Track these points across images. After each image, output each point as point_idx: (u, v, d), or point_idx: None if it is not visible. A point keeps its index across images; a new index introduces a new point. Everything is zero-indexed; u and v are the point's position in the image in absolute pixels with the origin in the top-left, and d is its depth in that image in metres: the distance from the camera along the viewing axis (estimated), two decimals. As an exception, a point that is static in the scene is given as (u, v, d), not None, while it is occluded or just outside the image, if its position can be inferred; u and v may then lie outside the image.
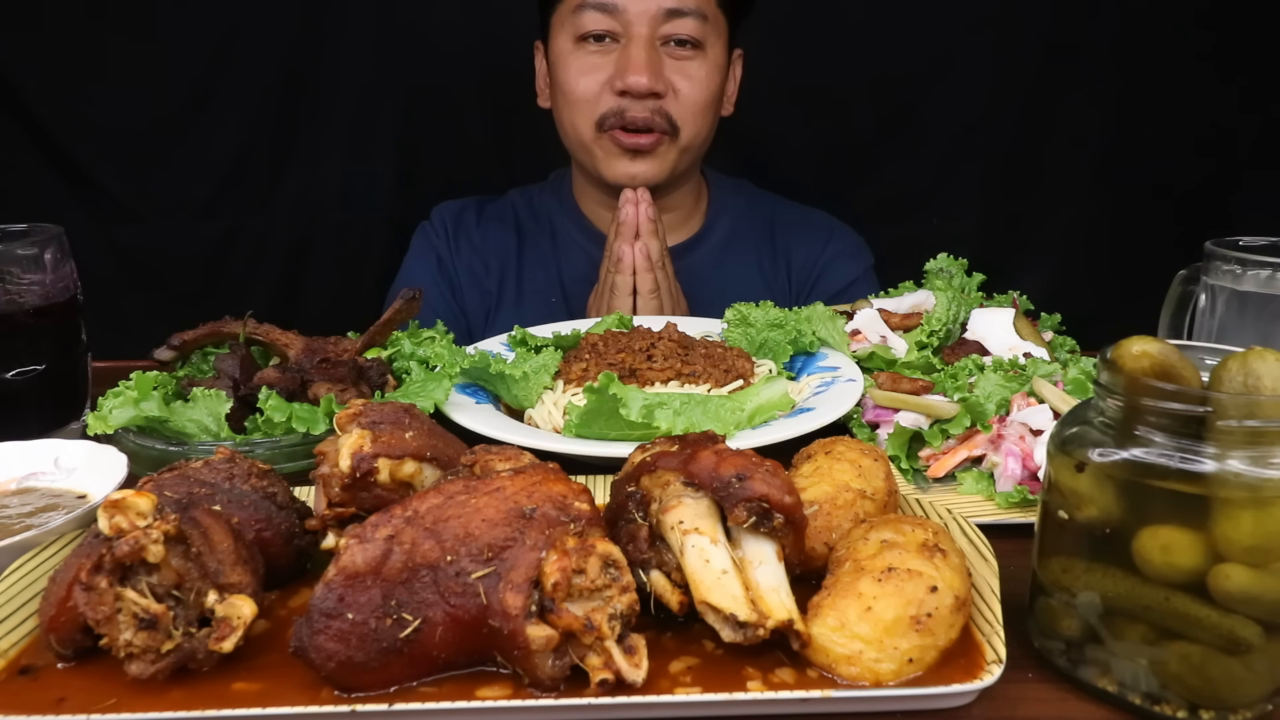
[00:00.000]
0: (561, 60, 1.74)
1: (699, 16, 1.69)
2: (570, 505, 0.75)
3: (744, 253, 1.95)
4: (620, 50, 1.69)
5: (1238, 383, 0.69)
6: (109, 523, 0.70)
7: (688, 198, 1.93)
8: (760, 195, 2.04)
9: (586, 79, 1.71)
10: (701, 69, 1.72)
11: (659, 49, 1.69)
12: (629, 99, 1.69)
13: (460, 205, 2.01)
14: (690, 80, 1.71)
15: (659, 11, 1.67)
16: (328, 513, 0.83)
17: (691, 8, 1.68)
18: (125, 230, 2.23)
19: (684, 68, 1.71)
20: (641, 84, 1.66)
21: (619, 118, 1.71)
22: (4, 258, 1.20)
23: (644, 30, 1.67)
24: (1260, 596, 0.66)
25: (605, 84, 1.70)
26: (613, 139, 1.73)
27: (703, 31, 1.70)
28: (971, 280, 1.53)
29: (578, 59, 1.72)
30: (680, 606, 0.74)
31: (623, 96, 1.69)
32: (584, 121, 1.74)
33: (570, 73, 1.73)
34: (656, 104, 1.70)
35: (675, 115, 1.72)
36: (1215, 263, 1.15)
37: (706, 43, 1.71)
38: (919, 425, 1.13)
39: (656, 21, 1.67)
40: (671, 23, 1.68)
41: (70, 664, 0.73)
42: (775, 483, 0.76)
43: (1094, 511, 0.71)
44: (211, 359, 1.34)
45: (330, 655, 0.68)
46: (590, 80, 1.71)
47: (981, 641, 0.73)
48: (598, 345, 1.33)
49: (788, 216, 2.01)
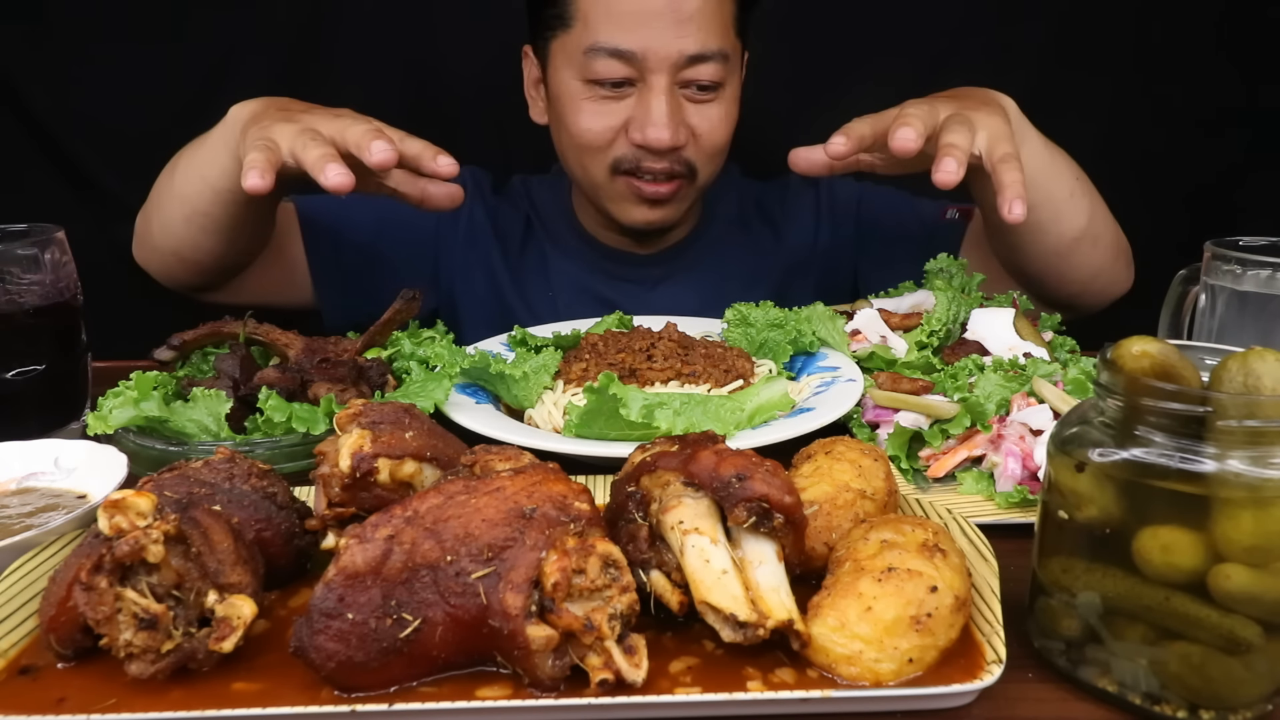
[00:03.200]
0: (568, 99, 1.62)
1: (721, 59, 1.56)
2: (570, 505, 0.75)
3: (743, 237, 1.90)
4: (638, 98, 1.56)
5: (1238, 383, 0.69)
6: (109, 523, 0.70)
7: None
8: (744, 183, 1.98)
9: (598, 124, 1.59)
10: (721, 109, 1.62)
11: (678, 94, 1.57)
12: (645, 150, 1.58)
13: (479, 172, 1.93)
14: (710, 123, 1.61)
15: (680, 58, 1.53)
16: (328, 513, 0.83)
17: (714, 50, 1.55)
18: (125, 230, 2.22)
19: (704, 112, 1.60)
20: (664, 140, 1.55)
21: (636, 165, 1.60)
22: (4, 258, 1.20)
23: (662, 79, 1.54)
24: (1260, 596, 0.66)
25: (618, 130, 1.59)
26: (629, 185, 1.63)
27: (724, 72, 1.58)
28: (971, 280, 1.53)
29: (588, 102, 1.59)
30: (680, 606, 0.74)
31: (640, 147, 1.58)
32: (595, 165, 1.64)
33: (580, 115, 1.60)
34: (676, 155, 1.60)
35: (694, 160, 1.63)
36: (1215, 263, 1.15)
37: (728, 78, 1.61)
38: (919, 425, 1.13)
39: (678, 68, 1.54)
40: (693, 68, 1.55)
41: (70, 664, 0.73)
42: (775, 483, 0.76)
43: (1094, 511, 0.71)
44: (211, 359, 1.34)
45: (330, 655, 0.68)
46: (602, 126, 1.59)
47: (981, 641, 0.73)
48: (598, 345, 1.33)
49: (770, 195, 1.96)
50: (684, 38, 1.52)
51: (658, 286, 1.86)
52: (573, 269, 1.87)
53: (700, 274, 1.84)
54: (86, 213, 2.16)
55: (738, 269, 1.86)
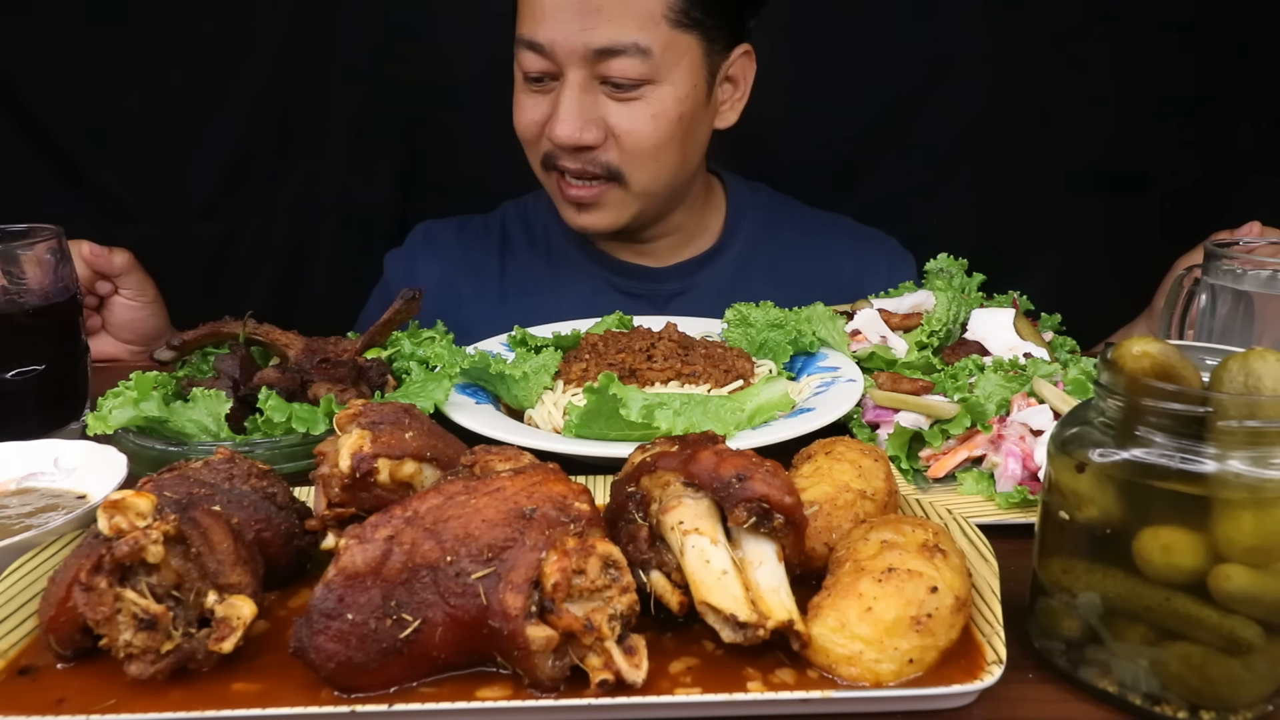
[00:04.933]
0: (515, 91, 1.62)
1: (638, 53, 1.47)
2: (570, 505, 0.75)
3: (769, 263, 1.81)
4: (554, 93, 1.54)
5: (1238, 383, 0.69)
6: (109, 523, 0.70)
7: (690, 215, 1.79)
8: (780, 199, 1.92)
9: (526, 118, 1.59)
10: (648, 109, 1.52)
11: (597, 90, 1.52)
12: (560, 149, 1.55)
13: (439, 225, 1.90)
14: (634, 124, 1.52)
15: (588, 51, 1.47)
16: (328, 513, 0.83)
17: (628, 43, 1.46)
18: (125, 230, 2.22)
19: (627, 111, 1.52)
20: (564, 138, 1.51)
21: (555, 163, 1.58)
22: (4, 258, 1.20)
23: (576, 74, 1.49)
24: (1261, 597, 0.66)
25: (543, 126, 1.57)
26: (557, 184, 1.61)
27: (647, 68, 1.49)
28: (971, 280, 1.53)
29: (522, 95, 1.60)
30: (680, 607, 0.74)
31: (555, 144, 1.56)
32: (534, 160, 1.64)
33: (517, 109, 1.61)
34: (590, 155, 1.54)
35: (616, 163, 1.55)
36: (1215, 263, 1.15)
37: (658, 75, 1.51)
38: (919, 425, 1.13)
39: (588, 62, 1.48)
40: (605, 63, 1.48)
41: (70, 664, 0.73)
42: (775, 483, 0.76)
43: (1094, 512, 0.71)
44: (211, 359, 1.34)
45: (330, 656, 0.68)
46: (529, 120, 1.58)
47: (982, 642, 0.73)
48: (598, 345, 1.33)
49: (813, 223, 1.89)
50: (589, 30, 1.47)
51: (670, 303, 1.79)
52: (579, 284, 1.80)
53: (717, 294, 1.73)
54: (86, 213, 2.16)
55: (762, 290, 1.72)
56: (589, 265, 1.80)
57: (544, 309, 1.61)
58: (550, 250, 1.84)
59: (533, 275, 1.83)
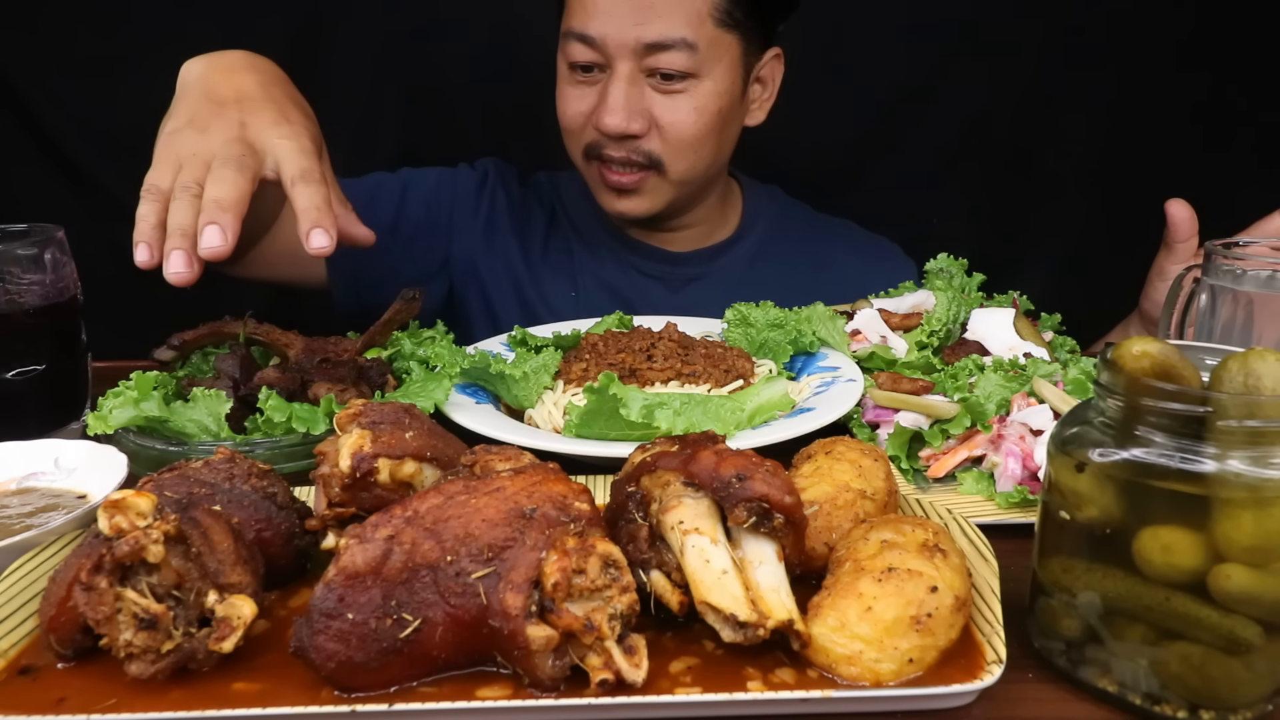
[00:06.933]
0: (558, 82, 1.69)
1: (686, 48, 1.56)
2: (570, 505, 0.75)
3: (779, 257, 1.91)
4: (602, 84, 1.61)
5: (1238, 383, 0.69)
6: (109, 523, 0.70)
7: (712, 210, 1.88)
8: (792, 203, 2.00)
9: (572, 108, 1.65)
10: (691, 101, 1.60)
11: (643, 82, 1.59)
12: (607, 136, 1.62)
13: (508, 167, 1.94)
14: (676, 116, 1.60)
15: (639, 45, 1.55)
16: (328, 513, 0.83)
17: (677, 38, 1.55)
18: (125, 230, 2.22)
19: (671, 103, 1.60)
20: (613, 126, 1.58)
21: (599, 153, 1.65)
22: (4, 258, 1.20)
23: (625, 66, 1.57)
24: (1260, 596, 0.66)
25: (589, 116, 1.64)
26: (599, 173, 1.68)
27: (693, 62, 1.57)
28: (971, 280, 1.53)
29: (568, 86, 1.66)
30: (680, 606, 0.74)
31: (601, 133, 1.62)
32: (575, 149, 1.70)
33: (562, 99, 1.68)
34: (634, 144, 1.62)
35: (658, 152, 1.63)
36: (1215, 263, 1.15)
37: (702, 71, 1.59)
38: (919, 425, 1.13)
39: (638, 55, 1.56)
40: (654, 56, 1.56)
41: (70, 664, 0.73)
42: (775, 483, 0.76)
43: (1094, 512, 0.71)
44: (211, 359, 1.34)
45: (330, 655, 0.68)
46: (574, 110, 1.65)
47: (982, 642, 0.73)
48: (598, 345, 1.33)
49: (825, 228, 1.97)
50: (642, 25, 1.55)
51: (685, 288, 1.87)
52: (598, 264, 1.87)
53: (729, 283, 1.83)
54: (86, 213, 2.16)
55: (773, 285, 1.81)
56: (612, 244, 1.88)
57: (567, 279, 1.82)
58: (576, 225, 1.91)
59: (562, 245, 1.90)
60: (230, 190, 1.10)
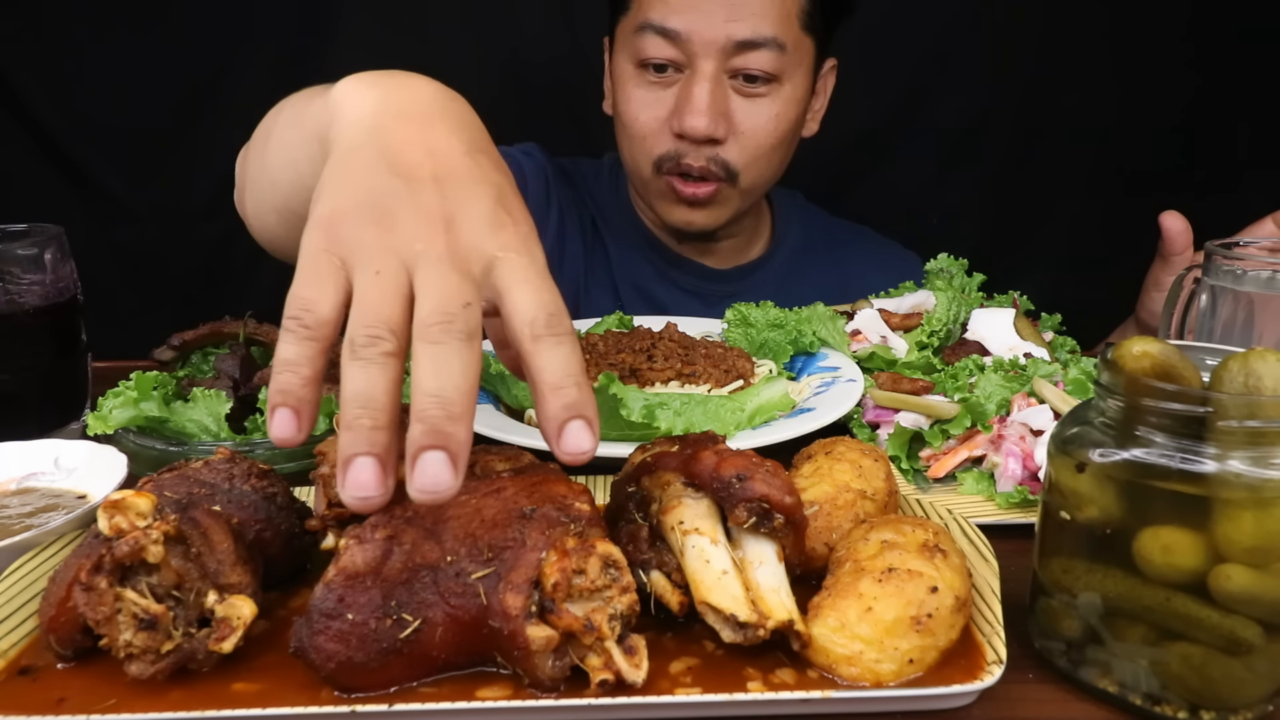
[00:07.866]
0: (621, 83, 1.58)
1: (776, 48, 1.48)
2: (570, 505, 0.75)
3: (808, 275, 1.85)
4: (682, 84, 1.50)
5: (1238, 383, 0.69)
6: (109, 523, 0.70)
7: (751, 221, 1.82)
8: (813, 211, 1.96)
9: (645, 113, 1.55)
10: (773, 107, 1.52)
11: (726, 83, 1.50)
12: (686, 143, 1.52)
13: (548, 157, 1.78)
14: (757, 121, 1.52)
15: (728, 43, 1.46)
16: (328, 513, 0.83)
17: (768, 37, 1.47)
18: (125, 230, 2.22)
19: (752, 107, 1.52)
20: (699, 128, 1.48)
21: (676, 163, 1.55)
22: (4, 258, 1.20)
23: (709, 64, 1.47)
24: (1261, 597, 0.66)
25: (665, 121, 1.53)
26: (670, 185, 1.58)
27: (780, 64, 1.50)
28: (971, 280, 1.53)
29: (637, 88, 1.55)
30: (680, 607, 0.74)
31: (680, 139, 1.53)
32: (642, 159, 1.60)
33: (630, 103, 1.56)
34: (713, 151, 1.53)
35: (734, 161, 1.55)
36: (1215, 263, 1.15)
37: (785, 74, 1.51)
38: (919, 425, 1.13)
39: (725, 54, 1.47)
40: (742, 56, 1.47)
41: (70, 664, 0.73)
42: (775, 483, 0.75)
43: (1094, 512, 0.71)
44: (211, 359, 1.34)
45: (330, 656, 0.68)
46: (649, 115, 1.54)
47: (982, 642, 0.73)
48: (598, 345, 1.33)
49: (842, 233, 1.93)
50: (735, 21, 1.46)
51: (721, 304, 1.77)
52: (637, 272, 1.80)
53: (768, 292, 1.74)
54: (86, 213, 2.16)
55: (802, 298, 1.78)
56: (650, 252, 1.80)
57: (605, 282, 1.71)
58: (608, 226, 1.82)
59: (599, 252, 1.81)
60: (461, 380, 0.65)
